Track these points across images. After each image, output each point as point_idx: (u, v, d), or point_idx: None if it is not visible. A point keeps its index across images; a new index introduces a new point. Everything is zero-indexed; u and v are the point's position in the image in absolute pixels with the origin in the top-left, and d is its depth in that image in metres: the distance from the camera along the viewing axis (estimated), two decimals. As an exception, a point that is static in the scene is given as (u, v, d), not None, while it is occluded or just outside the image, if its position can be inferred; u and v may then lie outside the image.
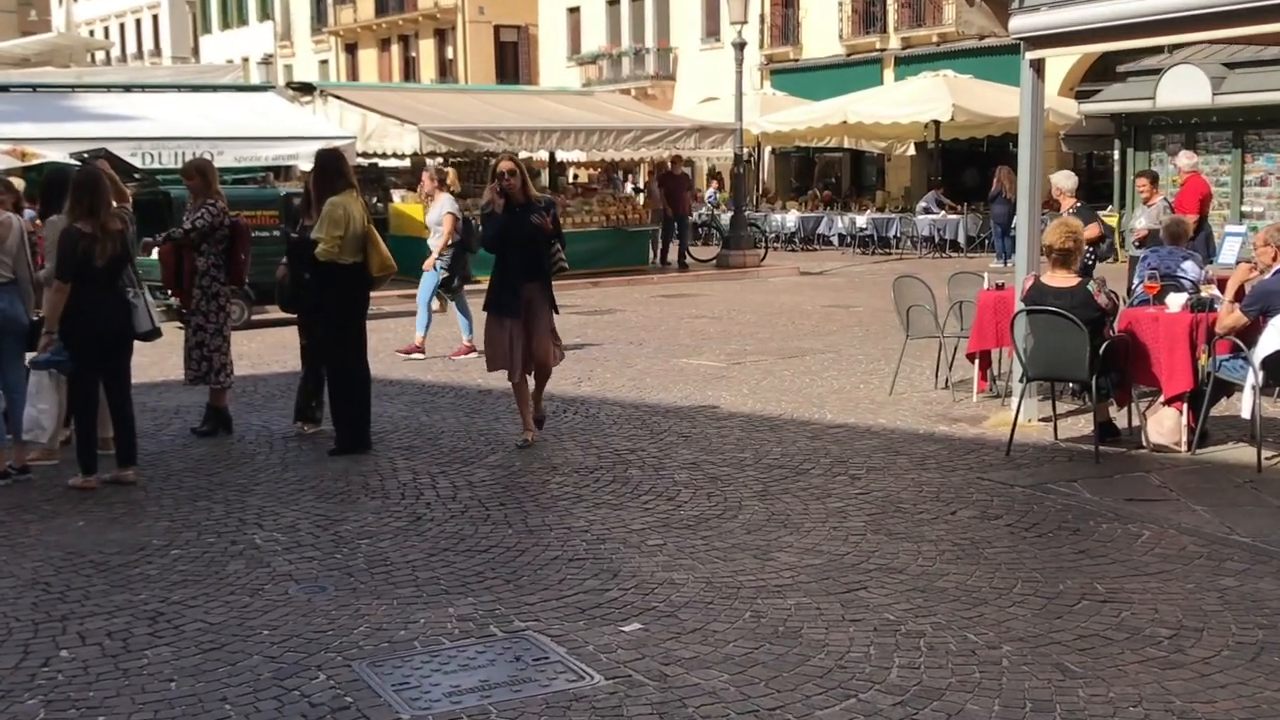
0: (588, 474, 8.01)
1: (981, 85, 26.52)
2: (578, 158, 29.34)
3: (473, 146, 20.82)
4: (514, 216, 8.53)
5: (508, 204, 8.55)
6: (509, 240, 8.57)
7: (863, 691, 4.63)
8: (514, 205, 8.56)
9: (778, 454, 8.46)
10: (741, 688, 4.67)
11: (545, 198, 8.85)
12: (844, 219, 28.36)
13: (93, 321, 7.57)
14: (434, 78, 48.52)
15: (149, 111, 18.64)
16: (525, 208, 8.58)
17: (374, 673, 4.86)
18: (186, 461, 8.53)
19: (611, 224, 22.05)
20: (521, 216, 8.53)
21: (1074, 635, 5.16)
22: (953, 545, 6.41)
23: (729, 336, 14.37)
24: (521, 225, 8.51)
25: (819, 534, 6.63)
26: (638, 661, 4.93)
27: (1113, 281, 9.04)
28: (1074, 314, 8.03)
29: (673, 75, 39.87)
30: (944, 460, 8.25)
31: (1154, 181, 14.22)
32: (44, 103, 18.83)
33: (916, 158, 30.75)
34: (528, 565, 6.19)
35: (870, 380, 11.25)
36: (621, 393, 10.89)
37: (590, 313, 17.03)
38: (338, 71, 55.18)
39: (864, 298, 18.21)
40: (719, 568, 6.09)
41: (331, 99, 21.78)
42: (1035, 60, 9.13)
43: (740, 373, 11.79)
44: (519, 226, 8.52)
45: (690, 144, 23.12)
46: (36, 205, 9.21)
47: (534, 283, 8.67)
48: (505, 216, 8.56)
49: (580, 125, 22.11)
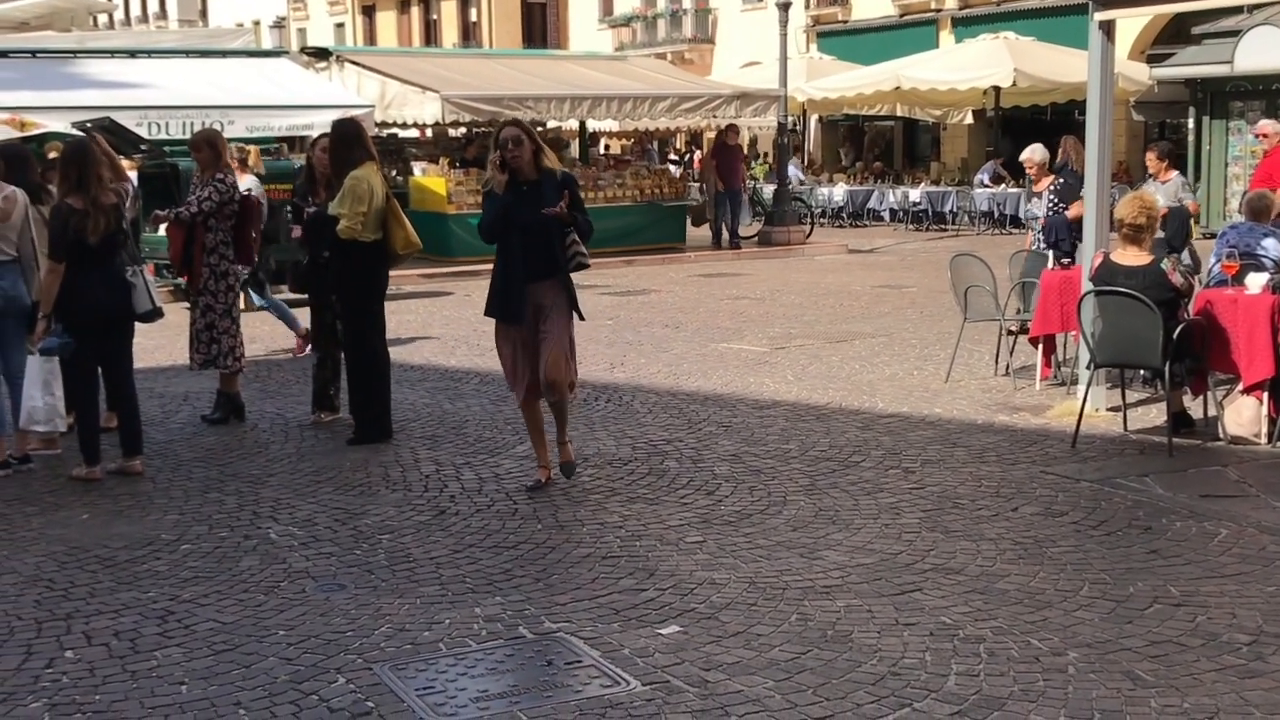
0: (621, 466, 8.03)
1: (1045, 48, 26.32)
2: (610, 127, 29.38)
3: (498, 115, 20.73)
4: (520, 197, 7.27)
5: (512, 181, 7.31)
6: (510, 227, 7.33)
7: (918, 700, 4.63)
8: (521, 183, 7.32)
9: (825, 445, 8.45)
10: (788, 695, 4.67)
11: (562, 171, 7.58)
12: (896, 192, 28.23)
13: (88, 302, 7.63)
14: (457, 42, 48.57)
15: (155, 78, 18.73)
16: (535, 186, 7.31)
17: (396, 676, 4.89)
18: (196, 451, 8.60)
19: (646, 198, 22.06)
20: (530, 197, 7.26)
21: (1145, 641, 5.14)
22: (1014, 544, 6.39)
23: (772, 319, 14.36)
24: (528, 208, 7.24)
25: (870, 531, 6.62)
26: (676, 666, 4.95)
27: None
28: (1146, 295, 7.98)
29: (712, 38, 39.77)
30: (1004, 452, 8.22)
31: (1167, 156, 13.91)
32: (44, 69, 18.95)
33: (974, 126, 30.57)
34: (558, 563, 6.21)
35: (925, 366, 11.22)
36: (657, 379, 10.90)
37: (623, 293, 17.05)
38: (354, 35, 55.32)
39: (917, 277, 18.14)
40: (763, 567, 6.09)
41: (348, 65, 21.84)
42: (1105, 21, 9.05)
43: (784, 358, 11.78)
44: (525, 209, 7.24)
45: (730, 112, 23.04)
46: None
47: (544, 282, 7.41)
48: (508, 196, 7.30)
49: (613, 92, 22.08)
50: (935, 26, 32.74)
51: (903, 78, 26.85)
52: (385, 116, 21.09)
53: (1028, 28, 28.02)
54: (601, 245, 20.98)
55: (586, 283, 18.17)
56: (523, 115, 20.85)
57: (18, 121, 15.66)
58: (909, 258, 21.58)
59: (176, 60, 20.46)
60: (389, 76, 21.21)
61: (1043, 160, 12.17)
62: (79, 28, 26.80)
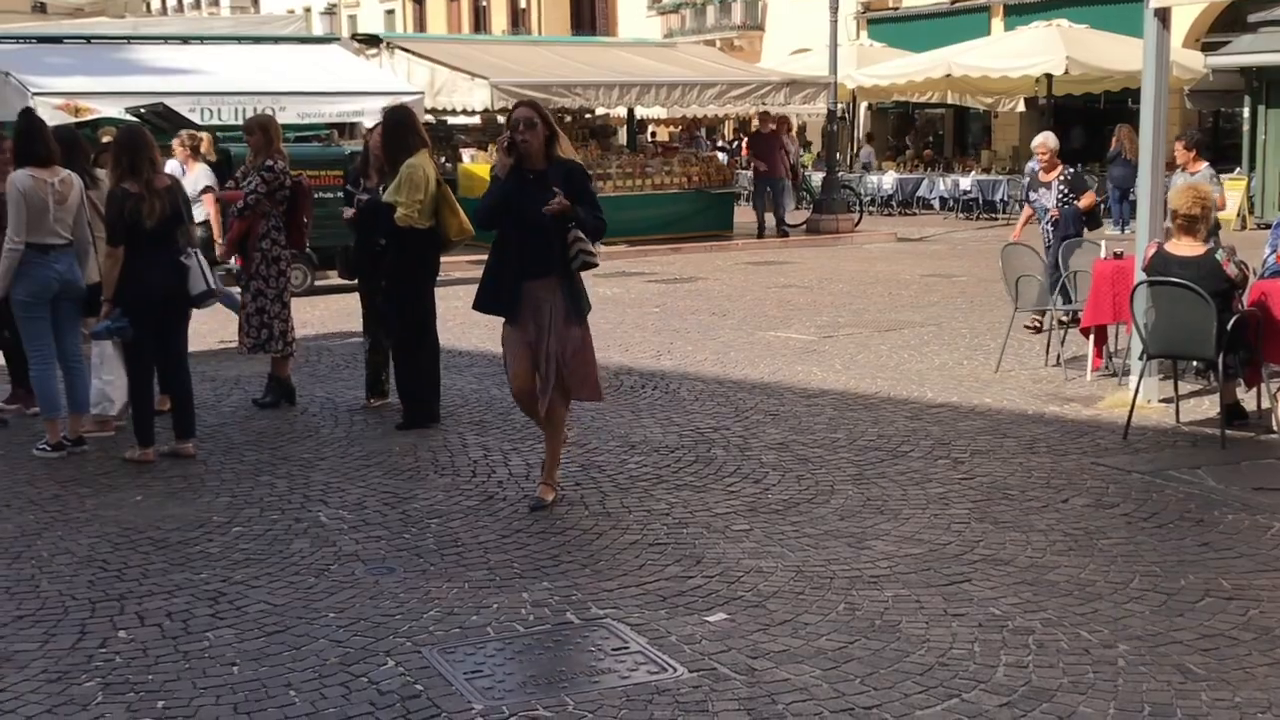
0: (668, 453, 8.03)
1: (1098, 36, 26.05)
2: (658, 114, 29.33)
3: (547, 102, 20.81)
4: (524, 185, 6.66)
5: (517, 167, 6.73)
6: (509, 217, 6.74)
7: (966, 691, 4.61)
8: (527, 170, 6.70)
9: (873, 435, 8.42)
10: (835, 684, 4.67)
11: (574, 162, 6.99)
12: (946, 181, 28.04)
13: (144, 286, 7.71)
14: (505, 29, 48.65)
15: (208, 64, 18.88)
16: (542, 176, 6.66)
17: (445, 659, 4.92)
18: (248, 434, 8.68)
19: (694, 185, 22.03)
20: (534, 187, 6.61)
21: (1196, 634, 5.10)
22: (1064, 535, 6.35)
23: (820, 307, 14.31)
24: (530, 198, 6.59)
25: (919, 521, 6.60)
26: (723, 654, 4.95)
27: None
28: (1200, 286, 7.90)
29: (761, 25, 39.63)
30: (1055, 443, 8.16)
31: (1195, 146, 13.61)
32: (98, 55, 19.13)
33: (1026, 114, 30.29)
34: (605, 549, 6.23)
35: (974, 356, 11.15)
36: (704, 367, 10.90)
37: (671, 281, 17.04)
38: (404, 22, 55.53)
39: (968, 266, 18.03)
40: (810, 556, 6.08)
41: (398, 51, 21.92)
42: (1160, 8, 8.95)
43: (832, 346, 11.75)
44: (526, 199, 6.60)
45: (780, 99, 22.96)
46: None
47: (540, 280, 6.73)
48: (510, 183, 6.73)
49: (661, 79, 22.05)
50: (987, 14, 32.47)
51: (954, 65, 26.65)
52: (435, 103, 21.17)
53: (1081, 15, 27.71)
54: (648, 232, 21.18)
55: (633, 270, 18.27)
56: (570, 102, 20.97)
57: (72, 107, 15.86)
58: (959, 246, 21.45)
59: (229, 46, 20.59)
60: (438, 63, 21.27)
61: (1055, 148, 12.04)
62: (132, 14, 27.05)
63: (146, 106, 15.97)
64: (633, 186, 21.41)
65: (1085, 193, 12.04)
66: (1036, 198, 12.07)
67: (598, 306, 14.25)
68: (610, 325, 12.99)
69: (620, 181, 21.30)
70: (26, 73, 16.95)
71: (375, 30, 39.76)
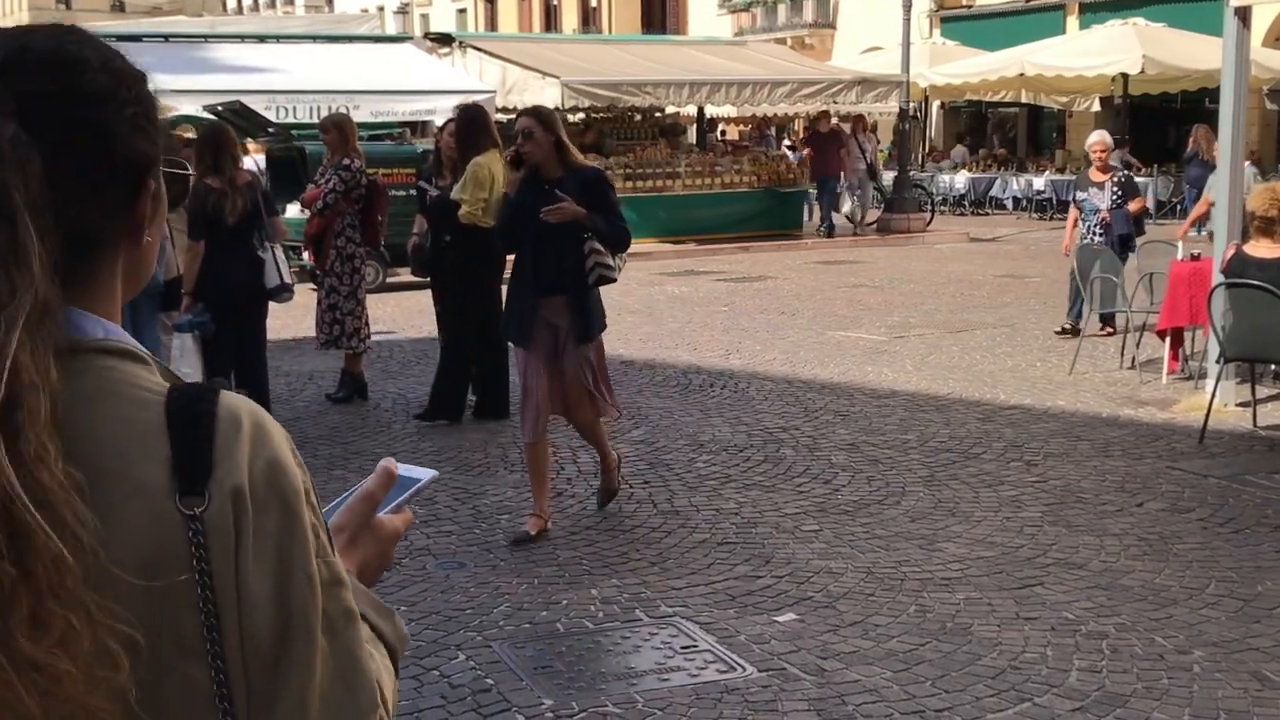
0: (737, 453, 8.03)
1: (1175, 35, 25.71)
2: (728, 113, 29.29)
3: (617, 101, 20.92)
4: (539, 197, 6.29)
5: (533, 179, 6.41)
6: (523, 231, 6.39)
7: (1038, 695, 4.58)
8: (542, 181, 6.38)
9: (945, 436, 8.37)
10: (905, 686, 4.65)
11: (592, 168, 6.68)
12: (1019, 180, 27.78)
13: (225, 280, 7.84)
14: (576, 28, 48.80)
15: (283, 63, 19.10)
16: (558, 185, 6.32)
17: (515, 654, 4.96)
18: (321, 428, 8.78)
19: (763, 184, 21.98)
20: (550, 198, 6.27)
21: (1274, 641, 5.03)
22: (1139, 540, 6.28)
23: (890, 307, 14.24)
24: (542, 209, 6.25)
25: (991, 524, 6.55)
26: (793, 654, 4.95)
27: None
28: (1278, 288, 7.78)
29: (832, 23, 39.46)
30: (1130, 447, 8.07)
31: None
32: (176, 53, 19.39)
33: (1101, 114, 29.93)
34: (674, 548, 6.24)
35: (1048, 358, 11.05)
36: (773, 367, 10.88)
37: (739, 279, 17.02)
38: (476, 21, 55.85)
39: (1041, 267, 17.84)
40: (880, 557, 6.06)
41: (470, 50, 22.06)
42: (1240, 7, 8.82)
43: (903, 347, 11.68)
44: (541, 210, 6.26)
45: (851, 98, 22.87)
46: None
47: (556, 298, 6.39)
48: (522, 196, 6.41)
49: (731, 78, 22.03)
50: (1062, 12, 32.15)
51: (1028, 64, 26.41)
52: (506, 102, 21.25)
53: (1158, 13, 27.36)
54: (717, 231, 21.16)
55: (702, 268, 18.27)
56: (640, 101, 20.99)
57: (151, 105, 16.07)
58: (1032, 247, 21.23)
59: (304, 45, 20.83)
60: (510, 62, 21.38)
61: (1112, 146, 11.95)
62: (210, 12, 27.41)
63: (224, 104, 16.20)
64: (702, 185, 21.40)
65: (1136, 197, 11.95)
66: (1086, 197, 11.94)
67: (666, 304, 14.33)
68: (678, 324, 13.01)
69: (689, 180, 21.30)
70: (106, 71, 17.23)
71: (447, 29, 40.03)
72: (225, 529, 1.19)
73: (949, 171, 29.61)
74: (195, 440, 1.20)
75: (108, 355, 1.23)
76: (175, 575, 1.17)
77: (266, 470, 1.23)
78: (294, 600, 1.22)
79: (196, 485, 1.19)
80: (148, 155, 1.29)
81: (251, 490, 1.21)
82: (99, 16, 54.65)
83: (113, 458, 1.18)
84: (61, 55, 1.25)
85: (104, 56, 1.28)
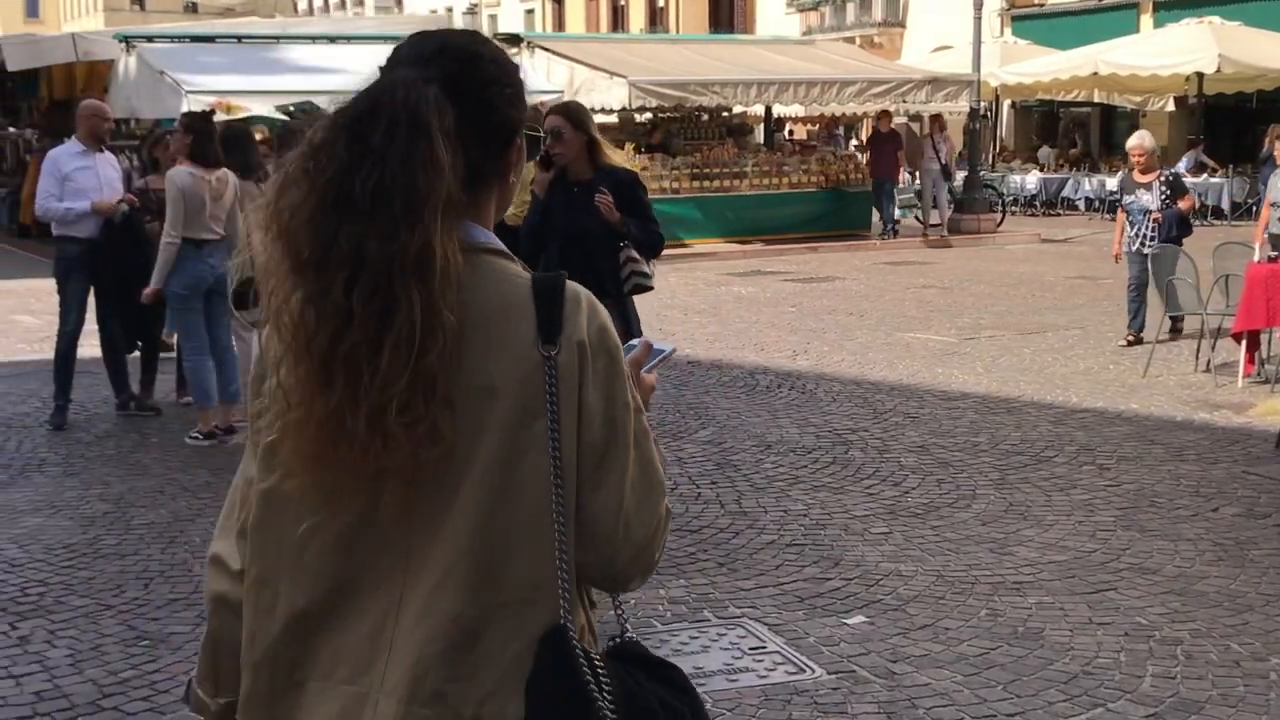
0: (805, 454, 8.01)
1: (1252, 33, 25.33)
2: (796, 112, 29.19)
3: (684, 100, 20.91)
4: (569, 200, 6.19)
5: (560, 181, 6.24)
6: (552, 235, 6.23)
7: (1112, 701, 4.54)
8: (571, 183, 6.22)
9: (1016, 439, 8.30)
10: (977, 690, 4.63)
11: (625, 169, 6.47)
12: (1091, 181, 27.47)
13: None
14: (643, 27, 48.83)
15: (354, 64, 19.20)
16: (587, 187, 6.15)
17: (583, 654, 4.96)
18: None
19: (831, 184, 21.90)
20: (580, 200, 6.11)
21: (1355, 651, 4.96)
22: (1214, 545, 6.21)
23: (960, 309, 14.14)
24: (575, 213, 6.13)
25: (1063, 528, 6.50)
26: (862, 657, 4.94)
27: None
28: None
29: (902, 22, 39.20)
30: (1204, 451, 7.97)
31: None
32: (248, 54, 19.64)
33: (1175, 114, 29.59)
34: (742, 549, 6.25)
35: (1121, 361, 10.93)
36: (841, 368, 10.84)
37: (807, 280, 16.97)
38: (544, 21, 56.04)
39: (1114, 269, 17.60)
40: (951, 560, 6.03)
41: (538, 50, 22.15)
42: (1323, 4, 8.69)
43: (973, 349, 11.60)
44: (571, 214, 6.13)
45: (921, 97, 22.70)
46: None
47: None
48: (553, 198, 6.24)
49: (799, 77, 21.95)
50: (1136, 10, 31.74)
51: (1101, 63, 26.11)
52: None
53: (1234, 12, 26.96)
54: (784, 231, 21.11)
55: (769, 269, 18.24)
56: (708, 100, 20.98)
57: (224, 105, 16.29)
58: (1105, 248, 20.86)
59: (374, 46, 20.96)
60: (578, 62, 21.44)
61: (1153, 149, 11.76)
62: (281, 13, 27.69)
63: (295, 105, 16.36)
64: (769, 185, 21.36)
65: (1185, 195, 11.78)
66: (1133, 200, 11.76)
67: (733, 305, 14.32)
68: (745, 324, 12.99)
69: (756, 180, 21.27)
70: (180, 71, 17.47)
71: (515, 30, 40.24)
72: (571, 368, 1.79)
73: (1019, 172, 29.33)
74: (551, 309, 1.80)
75: (492, 254, 1.86)
76: (535, 396, 1.77)
77: (598, 331, 1.84)
78: (617, 417, 1.83)
79: (552, 338, 1.79)
80: (516, 121, 1.92)
81: (590, 343, 1.81)
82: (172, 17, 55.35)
83: (500, 318, 1.79)
84: (468, 51, 1.90)
85: (493, 53, 1.93)
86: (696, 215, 20.60)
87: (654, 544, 1.89)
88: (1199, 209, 24.55)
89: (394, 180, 1.71)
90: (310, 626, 1.82)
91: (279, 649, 1.83)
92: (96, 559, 6.19)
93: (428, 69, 1.83)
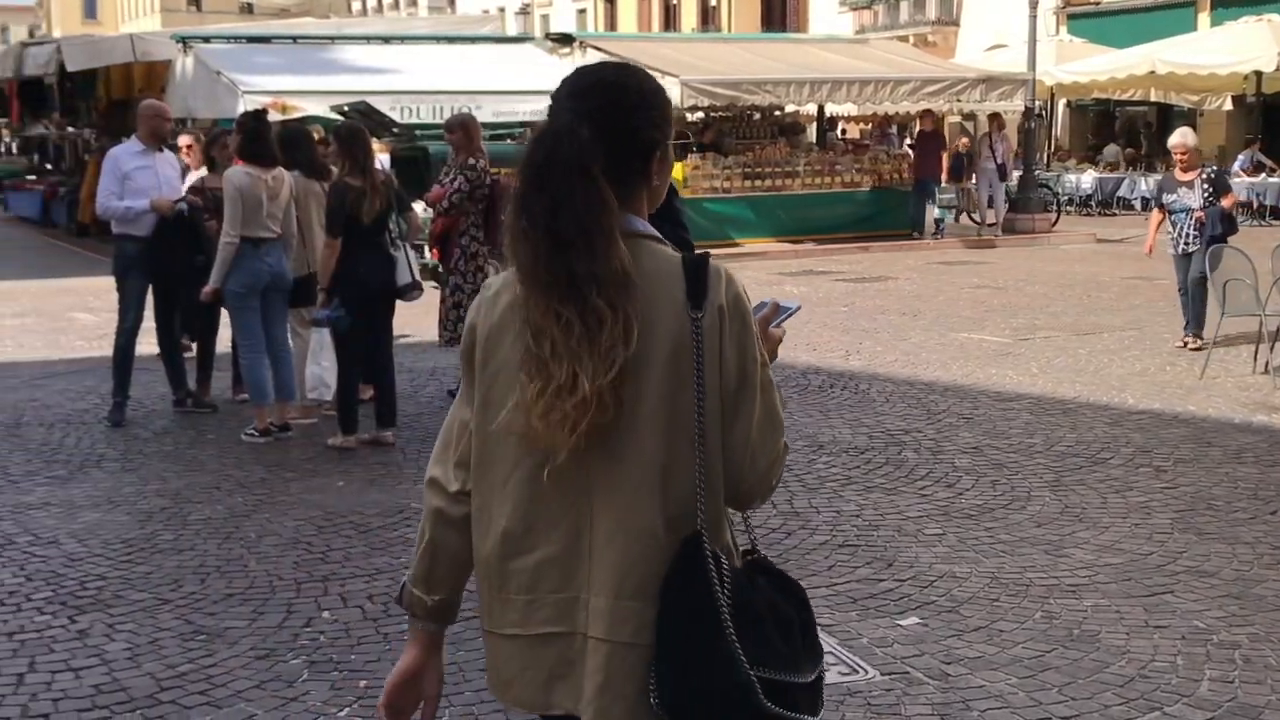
0: (857, 455, 7.99)
1: (1313, 31, 25.01)
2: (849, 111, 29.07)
3: (736, 100, 20.88)
4: None
5: None
6: None
7: (1168, 705, 4.50)
8: None
9: (1071, 441, 8.24)
10: (1031, 693, 4.60)
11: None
12: (1148, 180, 27.17)
13: (359, 277, 7.99)
14: (695, 26, 48.80)
15: (407, 64, 19.40)
16: None
17: (636, 652, 4.97)
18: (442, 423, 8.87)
19: (884, 184, 21.81)
20: None
21: None
22: (1272, 549, 6.13)
23: (1015, 309, 14.05)
24: None
25: (1119, 531, 6.44)
26: (916, 658, 4.92)
27: None
28: None
29: (956, 20, 38.97)
30: (1263, 453, 7.88)
31: None
32: (304, 55, 19.83)
33: (1234, 113, 29.24)
34: (794, 549, 6.23)
35: (1178, 362, 10.82)
36: (894, 368, 10.80)
37: (859, 279, 16.91)
38: (596, 21, 56.09)
39: (1170, 269, 17.40)
40: (1005, 562, 5.99)
41: (590, 50, 22.15)
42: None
43: (1028, 350, 11.52)
44: None
45: (975, 96, 22.56)
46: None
47: None
48: None
49: (852, 76, 21.86)
50: (1193, 8, 31.40)
51: (1158, 61, 25.87)
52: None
53: (1295, 9, 26.66)
54: (837, 230, 21.03)
55: (821, 268, 18.17)
56: (760, 100, 20.93)
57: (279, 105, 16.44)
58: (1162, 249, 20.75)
59: (427, 46, 21.13)
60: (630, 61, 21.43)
61: (1195, 145, 11.60)
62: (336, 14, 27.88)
63: (350, 104, 16.49)
64: (821, 184, 21.29)
65: (1227, 192, 11.62)
66: (1175, 198, 11.61)
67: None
68: (797, 323, 12.92)
69: (808, 179, 21.21)
70: (236, 72, 17.66)
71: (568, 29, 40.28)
72: (713, 327, 2.28)
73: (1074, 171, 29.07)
74: (698, 280, 2.30)
75: (648, 239, 2.36)
76: (686, 351, 2.27)
77: (734, 298, 2.31)
78: (748, 367, 2.31)
79: (699, 303, 2.28)
80: (657, 140, 2.38)
81: (727, 308, 2.30)
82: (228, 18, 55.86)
83: (659, 288, 2.29)
84: (616, 83, 2.37)
85: (638, 81, 2.40)
86: (748, 215, 20.58)
87: (773, 472, 2.36)
88: (1257, 209, 24.38)
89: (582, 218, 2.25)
90: (513, 544, 2.34)
91: (491, 563, 2.37)
92: (154, 554, 6.26)
93: (583, 102, 2.33)
